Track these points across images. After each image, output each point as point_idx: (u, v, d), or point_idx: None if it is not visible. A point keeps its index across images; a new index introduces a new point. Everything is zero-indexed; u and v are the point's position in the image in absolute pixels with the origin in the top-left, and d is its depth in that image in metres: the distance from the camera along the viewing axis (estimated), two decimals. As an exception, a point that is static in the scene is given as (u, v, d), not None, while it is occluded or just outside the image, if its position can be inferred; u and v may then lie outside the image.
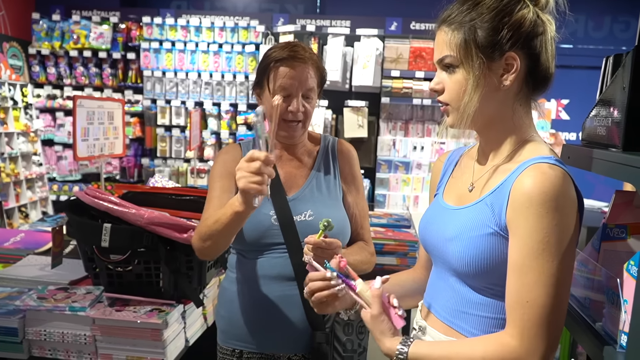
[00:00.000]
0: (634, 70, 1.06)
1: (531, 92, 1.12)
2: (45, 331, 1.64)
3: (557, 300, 0.97)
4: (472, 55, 1.05)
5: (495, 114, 1.10)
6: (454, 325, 1.14)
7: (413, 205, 5.20)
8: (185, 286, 1.79)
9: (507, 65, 1.06)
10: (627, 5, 6.12)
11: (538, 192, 0.97)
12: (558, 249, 0.97)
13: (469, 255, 1.07)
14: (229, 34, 5.43)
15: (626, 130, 1.07)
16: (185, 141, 5.58)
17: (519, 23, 1.04)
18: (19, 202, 5.13)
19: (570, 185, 0.99)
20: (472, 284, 1.11)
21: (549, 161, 1.01)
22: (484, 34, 1.05)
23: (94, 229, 1.71)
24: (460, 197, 1.19)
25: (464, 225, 1.10)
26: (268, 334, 1.61)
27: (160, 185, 2.75)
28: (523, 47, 1.05)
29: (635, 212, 1.15)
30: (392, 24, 5.66)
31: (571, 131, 6.14)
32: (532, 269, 0.97)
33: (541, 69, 1.08)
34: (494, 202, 1.06)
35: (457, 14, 1.08)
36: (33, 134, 5.37)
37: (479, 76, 1.05)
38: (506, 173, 1.07)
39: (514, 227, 1.01)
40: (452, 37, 1.08)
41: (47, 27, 5.62)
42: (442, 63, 1.11)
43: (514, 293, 1.00)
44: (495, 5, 1.05)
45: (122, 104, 3.92)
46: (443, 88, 1.12)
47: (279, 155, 1.69)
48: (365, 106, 5.08)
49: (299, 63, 1.57)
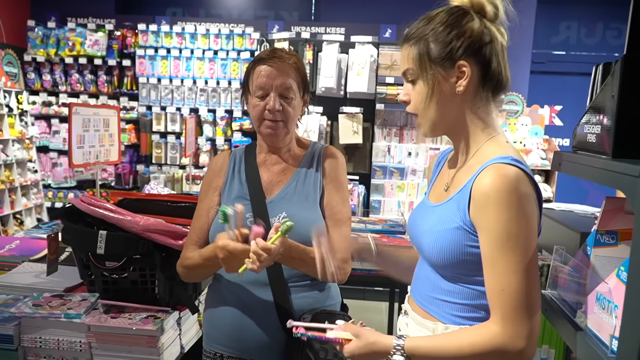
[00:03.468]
0: (622, 79, 1.08)
1: (490, 94, 1.21)
2: (40, 338, 1.64)
3: (529, 284, 1.07)
4: (426, 67, 1.18)
5: (456, 117, 1.22)
6: (429, 310, 1.24)
7: (408, 211, 5.21)
8: (180, 293, 1.80)
9: (460, 72, 1.17)
10: (619, 13, 6.17)
11: (494, 190, 1.07)
12: (518, 239, 1.06)
13: (438, 246, 1.18)
14: (224, 40, 5.45)
15: (616, 137, 1.09)
16: (181, 148, 5.59)
17: (466, 34, 1.15)
18: (13, 209, 5.11)
19: (525, 181, 1.09)
20: (443, 273, 1.21)
21: (505, 161, 1.10)
22: (436, 46, 1.16)
23: (89, 236, 1.71)
24: (439, 195, 1.29)
25: (435, 220, 1.22)
26: (245, 339, 1.61)
27: (155, 192, 2.75)
28: (473, 55, 1.16)
29: (625, 219, 1.16)
30: (386, 31, 5.68)
31: (565, 137, 6.17)
32: (499, 259, 1.08)
33: (494, 74, 1.18)
34: (459, 200, 1.17)
35: (414, 30, 1.21)
36: (28, 140, 5.36)
37: (433, 85, 1.17)
38: (470, 174, 1.17)
39: (478, 223, 1.12)
40: (410, 51, 1.21)
41: (43, 34, 5.63)
42: (405, 76, 1.24)
43: (490, 283, 1.10)
44: (444, 20, 1.17)
45: (117, 111, 3.93)
46: (409, 99, 1.25)
47: (264, 159, 1.70)
48: (360, 112, 5.10)
49: (275, 62, 1.59)
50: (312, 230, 1.40)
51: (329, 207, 1.65)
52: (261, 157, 1.71)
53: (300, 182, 1.66)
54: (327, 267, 1.34)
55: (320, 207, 1.65)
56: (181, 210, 2.03)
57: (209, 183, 1.71)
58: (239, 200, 1.63)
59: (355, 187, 5.09)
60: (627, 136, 1.08)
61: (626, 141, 1.08)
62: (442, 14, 1.19)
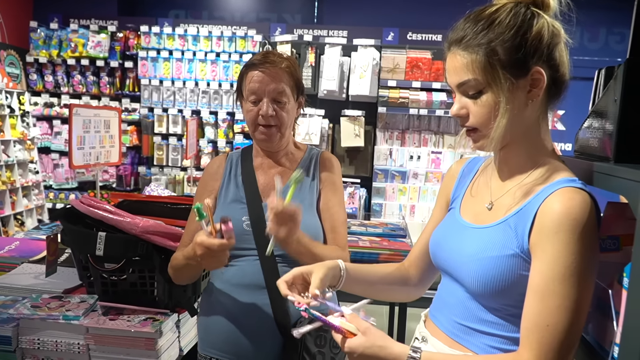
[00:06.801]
0: (625, 83, 1.07)
1: (549, 102, 1.10)
2: (38, 340, 1.64)
3: (577, 325, 0.97)
4: (498, 77, 1.03)
5: (523, 130, 1.09)
6: (460, 339, 1.14)
7: (409, 215, 5.20)
8: (179, 295, 1.79)
9: (534, 80, 1.04)
10: (622, 18, 6.16)
11: (567, 218, 0.97)
12: (583, 275, 0.97)
13: (487, 275, 1.06)
14: (227, 43, 5.45)
15: (617, 142, 1.08)
16: (182, 149, 5.59)
17: (539, 36, 1.03)
18: (14, 209, 5.11)
19: (594, 209, 0.99)
20: (486, 303, 1.10)
21: (575, 185, 1.01)
22: (507, 53, 1.03)
23: (88, 238, 1.71)
24: (478, 214, 1.17)
25: (484, 245, 1.09)
26: (241, 343, 1.59)
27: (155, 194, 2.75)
28: (546, 59, 1.04)
29: (627, 224, 1.15)
30: (389, 34, 5.69)
31: (567, 142, 6.15)
32: (556, 293, 0.97)
33: (562, 77, 1.08)
34: (517, 223, 1.05)
35: (471, 35, 1.05)
36: (30, 141, 5.37)
37: (509, 97, 1.03)
38: (531, 194, 1.06)
39: (539, 250, 1.00)
40: (472, 60, 1.05)
41: (45, 36, 5.64)
42: (463, 87, 1.08)
43: (534, 315, 0.99)
44: (512, 23, 1.03)
45: (118, 113, 3.93)
46: (467, 113, 1.09)
47: (260, 163, 1.70)
48: (362, 116, 5.10)
49: (267, 67, 1.57)
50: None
51: (325, 209, 1.65)
52: (258, 161, 1.70)
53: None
54: None
55: (316, 210, 1.65)
56: (181, 212, 2.03)
57: (204, 186, 1.71)
58: (235, 203, 1.62)
59: (356, 190, 5.08)
60: (629, 141, 1.07)
61: (628, 146, 1.07)
62: (505, 15, 1.04)
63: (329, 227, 1.63)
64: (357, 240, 2.67)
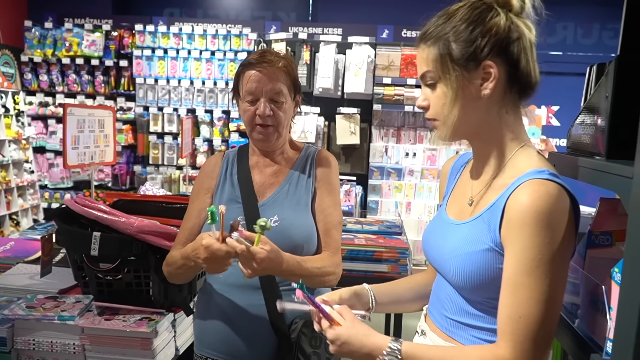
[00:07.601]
0: (616, 79, 1.08)
1: (517, 98, 1.11)
2: (34, 340, 1.64)
3: (549, 315, 0.99)
4: (448, 69, 1.07)
5: (481, 123, 1.11)
6: (452, 334, 1.16)
7: (405, 212, 5.21)
8: (175, 295, 1.79)
9: (485, 74, 1.06)
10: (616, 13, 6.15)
11: (531, 210, 0.97)
12: (551, 265, 0.97)
13: (466, 270, 1.08)
14: (222, 41, 5.44)
15: (609, 138, 1.08)
16: (178, 148, 5.58)
17: (491, 31, 1.04)
18: (10, 209, 5.11)
19: (564, 199, 0.99)
20: (470, 297, 1.12)
21: (542, 176, 1.01)
22: (458, 46, 1.06)
23: (83, 238, 1.70)
24: (461, 211, 1.19)
25: (462, 240, 1.11)
26: (236, 343, 1.59)
27: (150, 193, 2.74)
28: (499, 54, 1.05)
29: (620, 219, 1.16)
30: (383, 31, 5.68)
31: (562, 137, 6.17)
32: (525, 285, 0.98)
33: (522, 74, 1.08)
34: (490, 218, 1.07)
35: (432, 29, 1.10)
36: (25, 141, 5.35)
37: (456, 89, 1.06)
38: (501, 189, 1.07)
39: (508, 243, 1.02)
40: (429, 52, 1.09)
41: (40, 35, 5.63)
42: (424, 79, 1.13)
43: (507, 307, 1.01)
44: (467, 17, 1.06)
45: (113, 112, 3.92)
46: (429, 104, 1.13)
47: (256, 162, 1.70)
48: (357, 113, 5.10)
49: (264, 67, 1.57)
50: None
51: (320, 210, 1.64)
52: (254, 160, 1.70)
53: (292, 185, 1.65)
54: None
55: (311, 210, 1.64)
56: (176, 212, 2.02)
57: (200, 185, 1.70)
58: (231, 202, 1.62)
59: (352, 187, 5.08)
60: (620, 137, 1.07)
61: (620, 142, 1.07)
62: (463, 10, 1.07)
63: (323, 230, 1.63)
64: (353, 237, 2.67)
